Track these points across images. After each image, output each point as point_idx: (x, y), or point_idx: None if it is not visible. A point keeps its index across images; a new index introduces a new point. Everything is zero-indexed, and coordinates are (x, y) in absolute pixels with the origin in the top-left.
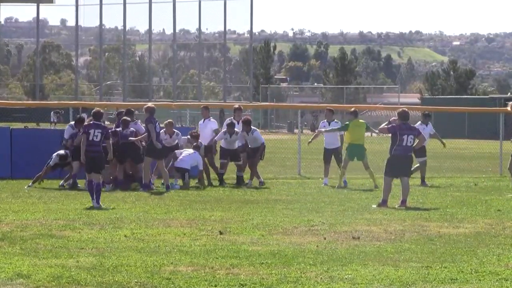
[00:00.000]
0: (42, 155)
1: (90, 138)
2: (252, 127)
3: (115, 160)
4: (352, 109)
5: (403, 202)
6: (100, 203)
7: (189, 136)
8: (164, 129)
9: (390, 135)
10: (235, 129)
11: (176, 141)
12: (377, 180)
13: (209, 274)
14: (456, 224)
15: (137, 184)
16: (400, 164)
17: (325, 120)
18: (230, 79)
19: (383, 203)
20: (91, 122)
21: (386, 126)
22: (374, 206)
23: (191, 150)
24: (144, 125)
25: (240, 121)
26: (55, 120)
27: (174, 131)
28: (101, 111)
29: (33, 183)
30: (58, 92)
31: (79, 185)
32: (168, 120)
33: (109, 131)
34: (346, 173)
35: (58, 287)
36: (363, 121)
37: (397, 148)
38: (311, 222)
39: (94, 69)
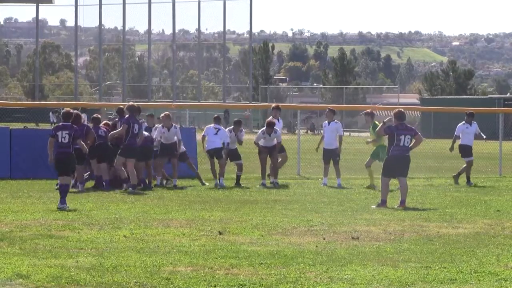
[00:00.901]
0: (41, 156)
1: (59, 140)
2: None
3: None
4: (370, 110)
5: (402, 202)
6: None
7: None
8: (162, 123)
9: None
10: (275, 127)
11: (175, 137)
12: (376, 180)
13: (208, 274)
14: (456, 225)
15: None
16: (398, 165)
17: (326, 121)
18: (229, 80)
19: (382, 204)
20: (60, 123)
21: (382, 128)
22: (374, 206)
23: (213, 130)
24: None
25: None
26: (54, 121)
27: (172, 124)
28: (71, 111)
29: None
30: (57, 93)
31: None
32: (165, 113)
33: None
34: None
35: (58, 287)
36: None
37: (394, 148)
38: (310, 222)
39: (94, 69)
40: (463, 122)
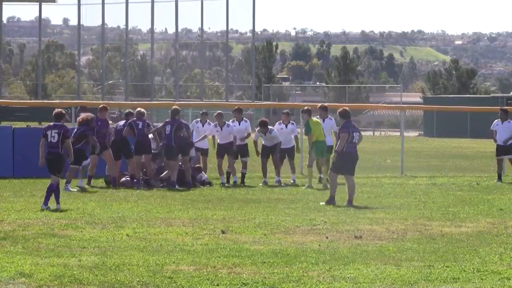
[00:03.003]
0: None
1: (48, 139)
2: (269, 127)
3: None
4: (306, 107)
5: (350, 201)
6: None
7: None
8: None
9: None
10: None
11: (231, 136)
12: (382, 180)
13: (211, 273)
14: (458, 223)
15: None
16: (350, 162)
17: (318, 116)
18: (232, 79)
19: (331, 200)
20: (51, 123)
21: (341, 134)
22: (322, 203)
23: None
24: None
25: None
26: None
27: (225, 122)
28: (63, 111)
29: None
30: (60, 92)
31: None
32: (218, 111)
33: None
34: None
35: (60, 286)
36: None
37: (349, 145)
38: (313, 221)
39: (96, 68)
40: (498, 119)
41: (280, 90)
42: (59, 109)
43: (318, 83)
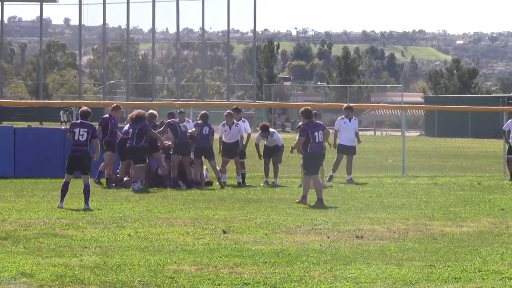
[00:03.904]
0: (45, 154)
1: (76, 137)
2: (270, 130)
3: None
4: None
5: (319, 200)
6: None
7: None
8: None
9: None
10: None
11: (238, 135)
12: (379, 179)
13: (213, 273)
14: (460, 223)
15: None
16: (317, 161)
17: (344, 117)
18: (233, 78)
19: (303, 199)
20: (78, 121)
21: (299, 137)
22: (297, 201)
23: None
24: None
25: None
26: (65, 119)
27: (234, 122)
28: (89, 110)
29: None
30: (61, 91)
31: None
32: (227, 111)
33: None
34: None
35: (62, 286)
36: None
37: (312, 145)
38: (314, 221)
39: (97, 68)
40: None
41: (281, 90)
42: (86, 108)
43: (319, 83)
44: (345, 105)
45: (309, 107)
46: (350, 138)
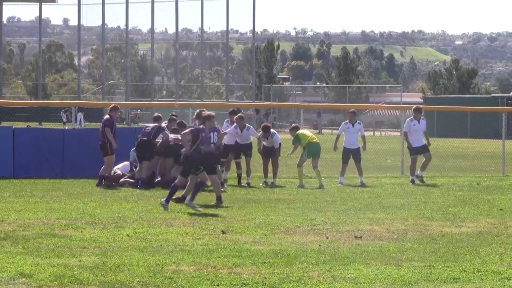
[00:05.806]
0: (44, 155)
1: (211, 140)
2: (272, 130)
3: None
4: (293, 125)
5: (218, 198)
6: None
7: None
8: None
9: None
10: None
11: (251, 137)
12: (377, 179)
13: (212, 274)
14: (459, 224)
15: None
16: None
17: (348, 122)
18: (232, 79)
19: (218, 200)
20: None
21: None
22: (213, 203)
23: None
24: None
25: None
26: (65, 120)
27: (245, 125)
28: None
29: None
30: (60, 92)
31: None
32: (238, 115)
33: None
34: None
35: (61, 286)
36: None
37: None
38: (313, 221)
39: (96, 68)
40: None
41: (281, 90)
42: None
43: (318, 83)
44: (351, 109)
45: (204, 110)
46: (353, 141)
